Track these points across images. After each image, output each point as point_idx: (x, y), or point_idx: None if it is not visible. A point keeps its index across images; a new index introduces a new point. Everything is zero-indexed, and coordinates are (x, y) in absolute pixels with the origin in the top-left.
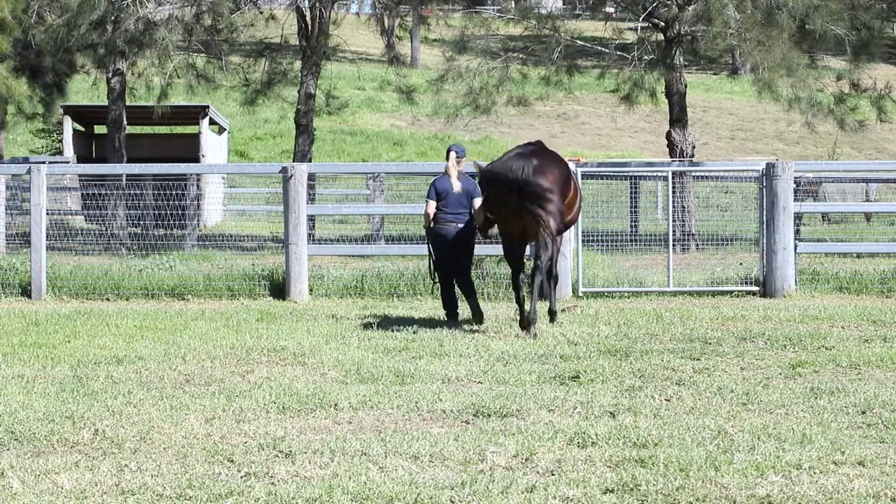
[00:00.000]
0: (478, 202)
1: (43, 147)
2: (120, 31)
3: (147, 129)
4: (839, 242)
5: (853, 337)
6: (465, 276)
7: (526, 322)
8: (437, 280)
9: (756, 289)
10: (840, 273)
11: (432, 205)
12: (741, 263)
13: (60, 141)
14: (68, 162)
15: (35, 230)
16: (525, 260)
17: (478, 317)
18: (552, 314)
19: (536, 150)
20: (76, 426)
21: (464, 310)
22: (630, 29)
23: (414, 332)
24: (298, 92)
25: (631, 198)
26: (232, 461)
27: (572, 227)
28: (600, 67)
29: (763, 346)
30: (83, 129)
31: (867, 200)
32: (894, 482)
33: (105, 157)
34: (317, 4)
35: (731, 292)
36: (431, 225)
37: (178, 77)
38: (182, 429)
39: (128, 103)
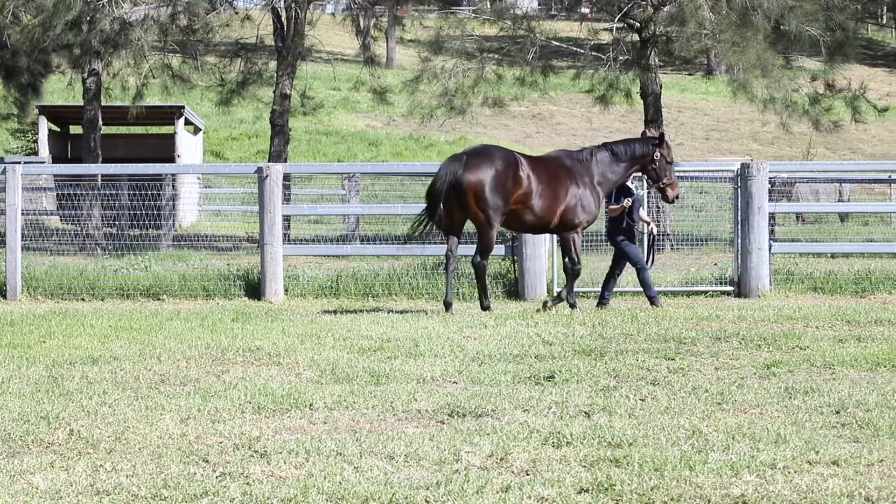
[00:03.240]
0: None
1: (18, 147)
2: (95, 32)
3: (123, 130)
4: (814, 243)
5: (827, 337)
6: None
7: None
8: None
9: (731, 289)
10: (814, 273)
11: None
12: (716, 263)
13: (36, 141)
14: (44, 162)
15: (10, 230)
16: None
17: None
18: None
19: (473, 151)
20: (51, 426)
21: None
22: (605, 30)
23: (389, 333)
24: (274, 92)
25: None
26: (207, 461)
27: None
28: (575, 68)
29: (738, 346)
30: (58, 130)
31: (840, 201)
32: (868, 482)
33: (80, 158)
34: (292, 5)
35: (706, 292)
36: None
37: (154, 77)
38: (157, 429)
39: (103, 103)
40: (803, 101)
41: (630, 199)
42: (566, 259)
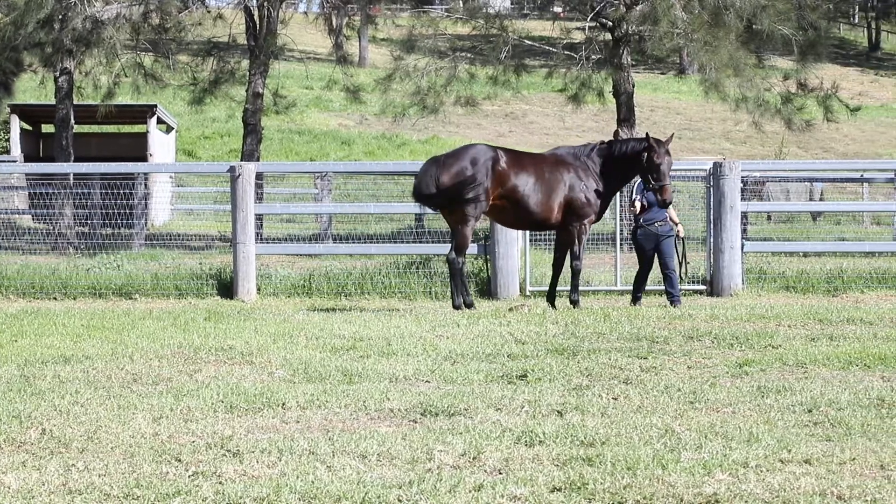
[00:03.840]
0: None
1: None
2: (67, 30)
3: (95, 129)
4: (786, 242)
5: (800, 336)
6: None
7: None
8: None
9: (703, 288)
10: (787, 272)
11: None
12: (689, 262)
13: (7, 140)
14: (15, 161)
15: None
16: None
17: None
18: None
19: (451, 151)
20: (23, 426)
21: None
22: (578, 29)
23: (362, 332)
24: (246, 91)
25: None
26: (179, 460)
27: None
28: (548, 67)
29: (710, 345)
30: (30, 128)
31: (811, 200)
32: (840, 480)
33: (53, 156)
34: (265, 3)
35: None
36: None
37: (126, 76)
38: (129, 428)
39: (75, 102)
40: (775, 100)
41: (640, 197)
42: (570, 256)
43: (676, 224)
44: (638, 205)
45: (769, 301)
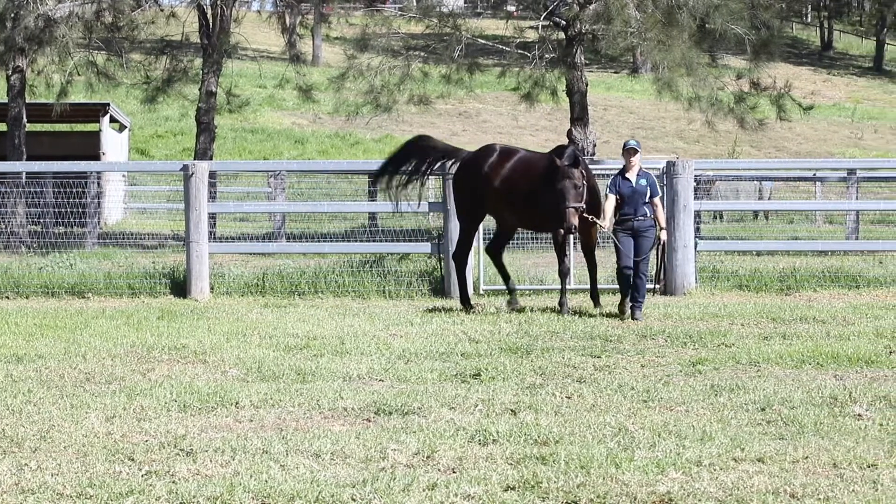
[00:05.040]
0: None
1: None
2: (20, 28)
3: (47, 127)
4: (739, 240)
5: (753, 334)
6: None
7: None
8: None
9: (657, 286)
10: (740, 271)
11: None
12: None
13: None
14: None
15: None
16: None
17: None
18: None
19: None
20: None
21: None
22: (531, 27)
23: (315, 330)
24: (199, 90)
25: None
26: (133, 460)
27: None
28: (501, 66)
29: (663, 344)
30: None
31: (761, 199)
32: (793, 478)
33: (4, 155)
34: (218, 2)
35: None
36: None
37: (79, 74)
38: (82, 427)
39: (28, 101)
40: (728, 99)
41: (612, 192)
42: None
43: (661, 227)
44: (612, 199)
45: (722, 300)
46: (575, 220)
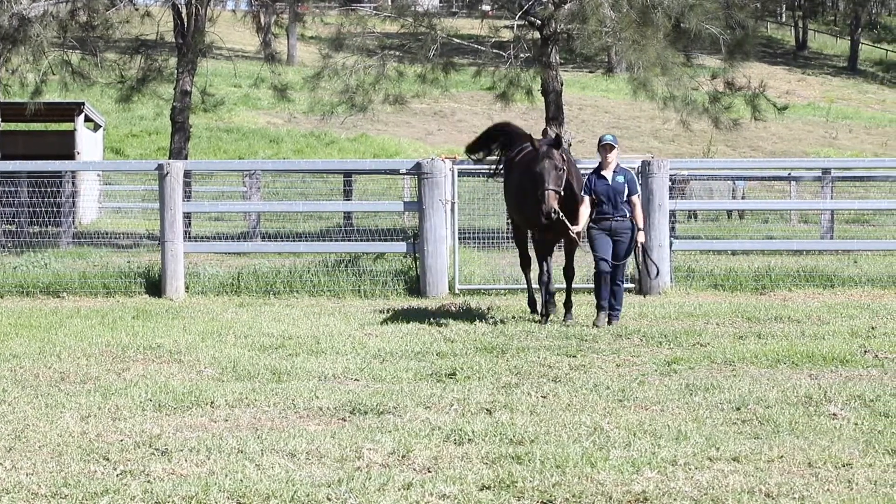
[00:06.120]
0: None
1: None
2: None
3: (22, 126)
4: (714, 240)
5: (728, 334)
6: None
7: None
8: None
9: (632, 286)
10: (715, 270)
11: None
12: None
13: None
14: None
15: None
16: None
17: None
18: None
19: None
20: None
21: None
22: (506, 27)
23: (290, 330)
24: (174, 89)
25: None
26: (108, 459)
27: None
28: (477, 65)
29: (638, 343)
30: None
31: (734, 198)
32: (768, 478)
33: None
34: (193, 1)
35: None
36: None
37: (53, 74)
38: (57, 427)
39: (2, 100)
40: (703, 98)
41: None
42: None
43: (639, 229)
44: (588, 201)
45: (697, 299)
46: (554, 203)
